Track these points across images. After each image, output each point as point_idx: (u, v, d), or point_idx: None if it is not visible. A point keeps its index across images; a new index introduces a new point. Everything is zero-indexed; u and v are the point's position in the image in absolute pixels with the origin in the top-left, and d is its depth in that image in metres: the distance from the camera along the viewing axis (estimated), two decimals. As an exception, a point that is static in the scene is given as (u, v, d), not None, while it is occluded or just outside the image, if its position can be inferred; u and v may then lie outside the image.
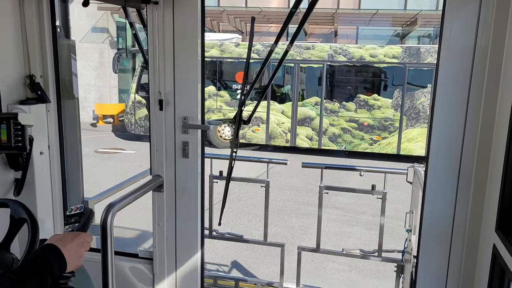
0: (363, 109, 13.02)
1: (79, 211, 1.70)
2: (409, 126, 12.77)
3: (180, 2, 2.69)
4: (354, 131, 13.13)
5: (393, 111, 12.82)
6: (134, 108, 14.15)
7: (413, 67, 12.56)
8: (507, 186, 1.99)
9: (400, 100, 12.72)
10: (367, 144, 13.05)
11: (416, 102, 12.66)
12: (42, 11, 2.84)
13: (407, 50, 12.63)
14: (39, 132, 2.86)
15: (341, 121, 13.16)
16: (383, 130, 12.93)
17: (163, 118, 2.85)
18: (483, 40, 2.25)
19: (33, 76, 2.86)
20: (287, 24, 2.90)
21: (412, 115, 12.74)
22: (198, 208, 2.93)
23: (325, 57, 13.02)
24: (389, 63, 12.72)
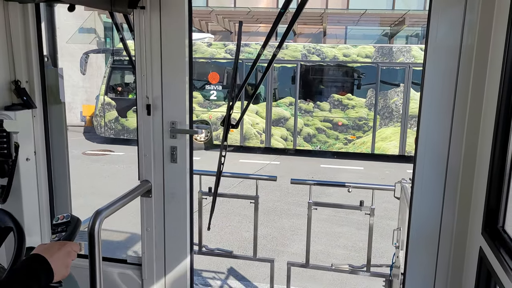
0: (337, 108, 13.05)
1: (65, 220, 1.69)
2: (383, 125, 12.86)
3: (167, 6, 2.68)
4: (328, 131, 13.15)
5: (367, 111, 12.89)
6: (103, 110, 13.89)
7: (386, 66, 12.68)
8: (492, 188, 2.02)
9: (373, 99, 12.80)
10: (341, 143, 13.09)
11: (389, 101, 12.76)
12: (27, 16, 2.81)
13: (379, 50, 12.73)
14: (25, 138, 2.83)
15: (316, 121, 13.18)
16: (358, 130, 12.97)
17: (151, 123, 2.83)
18: (468, 40, 2.29)
19: (18, 82, 2.83)
20: (277, 25, 2.90)
21: (386, 114, 12.83)
22: (187, 213, 2.92)
23: (298, 57, 13.01)
24: (362, 63, 12.81)
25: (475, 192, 2.28)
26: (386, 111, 12.82)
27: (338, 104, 13.04)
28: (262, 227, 7.30)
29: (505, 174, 1.97)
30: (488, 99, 2.18)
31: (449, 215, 2.45)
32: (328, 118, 13.10)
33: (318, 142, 13.18)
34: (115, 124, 13.93)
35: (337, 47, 13.21)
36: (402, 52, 12.50)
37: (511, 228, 2.03)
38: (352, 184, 3.76)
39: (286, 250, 6.62)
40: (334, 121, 13.07)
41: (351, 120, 12.95)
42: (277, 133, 13.44)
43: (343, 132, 13.04)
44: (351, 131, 12.99)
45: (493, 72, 2.12)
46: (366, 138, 12.92)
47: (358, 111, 12.96)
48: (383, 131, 12.86)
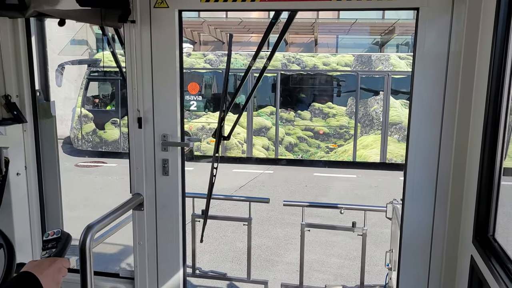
0: (318, 117, 13.07)
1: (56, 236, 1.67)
2: (364, 133, 12.88)
3: (158, 20, 2.70)
4: (310, 140, 13.12)
5: (348, 119, 12.92)
6: (80, 123, 13.65)
7: (365, 74, 12.76)
8: (482, 197, 2.04)
9: (354, 107, 12.85)
10: (323, 152, 13.06)
11: (369, 109, 12.81)
12: (17, 31, 2.81)
13: (359, 58, 12.82)
14: (16, 152, 2.82)
15: (297, 130, 13.15)
16: (339, 138, 12.98)
17: (142, 136, 2.83)
18: (456, 48, 2.33)
19: (8, 96, 2.83)
20: (268, 35, 2.94)
21: (366, 122, 12.87)
22: (179, 226, 2.91)
23: (278, 66, 12.99)
24: (342, 71, 12.87)
25: (465, 201, 2.30)
26: (366, 119, 12.86)
27: (319, 113, 13.05)
28: (256, 236, 7.29)
29: (494, 183, 1.99)
30: (476, 106, 2.21)
31: (440, 224, 2.47)
32: (309, 126, 13.10)
33: (300, 151, 13.13)
34: (93, 136, 13.66)
35: (317, 56, 13.26)
36: (381, 61, 12.61)
37: (501, 236, 2.05)
38: (344, 206, 3.76)
39: (281, 260, 6.59)
40: (315, 129, 13.08)
41: (332, 129, 12.96)
42: (259, 142, 13.35)
43: (324, 141, 13.03)
44: (332, 140, 13.00)
45: (480, 78, 2.16)
46: (348, 146, 12.93)
47: (339, 119, 12.98)
48: (364, 139, 12.89)
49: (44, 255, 1.60)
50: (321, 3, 2.48)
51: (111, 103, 13.82)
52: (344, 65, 12.81)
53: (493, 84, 1.95)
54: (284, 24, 2.91)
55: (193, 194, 3.75)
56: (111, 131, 13.59)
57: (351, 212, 4.02)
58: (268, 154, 13.27)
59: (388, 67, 12.51)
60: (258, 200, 4.21)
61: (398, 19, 16.81)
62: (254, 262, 6.18)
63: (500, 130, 1.95)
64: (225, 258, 6.58)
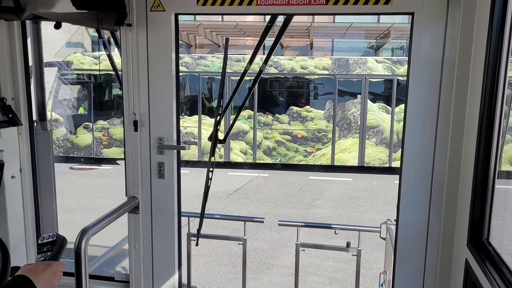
0: (296, 121, 13.03)
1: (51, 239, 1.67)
2: (342, 136, 12.88)
3: (154, 23, 2.70)
4: (288, 144, 13.05)
5: (326, 122, 12.90)
6: (51, 127, 13.06)
7: (343, 78, 12.77)
8: (477, 200, 2.05)
9: (332, 111, 12.82)
10: (301, 156, 12.99)
11: (347, 112, 12.81)
12: (13, 34, 2.81)
13: (336, 62, 12.82)
14: (11, 155, 2.81)
15: (275, 134, 13.07)
16: (317, 142, 12.94)
17: (138, 139, 2.82)
18: (450, 53, 2.35)
19: (4, 99, 2.82)
20: (264, 39, 2.95)
21: (344, 126, 12.86)
22: (174, 229, 2.90)
23: (256, 69, 12.81)
24: (320, 75, 12.87)
25: (460, 205, 2.31)
26: (344, 122, 12.85)
27: (297, 117, 13.02)
28: (251, 239, 7.28)
29: (488, 187, 2.00)
30: (470, 110, 2.23)
31: (435, 227, 2.48)
32: (287, 130, 13.03)
33: (278, 155, 13.03)
34: (64, 141, 13.28)
35: (295, 59, 13.19)
36: (358, 64, 12.61)
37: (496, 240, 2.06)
38: (339, 226, 3.76)
39: (276, 263, 6.60)
40: (294, 133, 13.00)
41: (310, 132, 12.92)
42: (236, 146, 13.22)
43: (302, 145, 12.97)
44: (310, 143, 12.95)
45: (474, 83, 2.18)
46: (326, 150, 12.90)
47: (317, 123, 12.95)
48: (342, 142, 12.88)
49: (39, 259, 1.60)
50: (317, 7, 2.49)
51: (83, 106, 13.44)
52: (322, 69, 12.80)
53: (487, 89, 1.96)
54: (280, 28, 2.93)
55: (189, 214, 3.70)
56: (83, 136, 13.21)
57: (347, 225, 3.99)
58: (246, 159, 13.09)
59: (365, 71, 12.50)
60: (253, 220, 4.19)
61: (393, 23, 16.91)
62: (250, 266, 6.18)
63: (494, 134, 1.96)
64: (220, 262, 6.57)
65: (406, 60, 12.68)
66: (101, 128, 13.05)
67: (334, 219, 8.71)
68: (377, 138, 12.59)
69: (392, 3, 2.41)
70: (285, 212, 9.08)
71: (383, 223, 3.53)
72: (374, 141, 12.60)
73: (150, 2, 2.66)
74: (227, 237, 4.23)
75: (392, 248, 2.81)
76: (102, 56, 12.84)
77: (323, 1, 2.47)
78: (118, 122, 12.85)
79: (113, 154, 12.99)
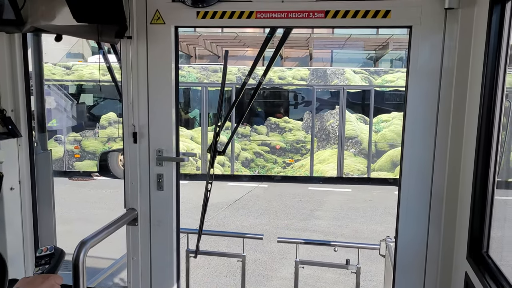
0: (275, 132, 12.85)
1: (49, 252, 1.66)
2: (320, 147, 12.74)
3: (154, 35, 2.72)
4: (266, 155, 12.82)
5: (304, 133, 12.74)
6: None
7: (321, 89, 12.70)
8: (476, 213, 2.05)
9: (310, 122, 12.71)
10: (280, 167, 12.78)
11: (325, 123, 12.70)
12: (14, 46, 2.82)
13: (314, 72, 12.73)
14: (10, 167, 2.81)
15: (253, 145, 12.86)
16: (296, 153, 12.72)
17: (137, 151, 2.83)
18: (449, 64, 2.37)
19: (4, 111, 2.82)
20: (263, 50, 2.97)
21: (323, 137, 12.73)
22: (173, 241, 2.89)
23: (233, 80, 12.67)
24: (298, 85, 12.78)
25: (459, 218, 2.31)
26: (323, 133, 12.73)
27: (275, 128, 12.85)
28: (251, 251, 7.24)
29: (488, 199, 2.01)
30: (469, 122, 2.24)
31: (434, 240, 2.48)
32: (265, 141, 12.84)
33: (256, 167, 12.84)
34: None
35: (273, 69, 12.93)
36: (336, 75, 12.55)
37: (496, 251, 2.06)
38: (338, 243, 3.73)
39: (275, 275, 6.56)
40: (272, 144, 12.81)
41: (289, 143, 12.74)
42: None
43: (281, 156, 12.80)
44: (289, 155, 12.78)
45: (473, 94, 2.19)
46: (305, 161, 12.74)
47: (295, 134, 12.80)
48: (321, 153, 12.74)
49: (37, 272, 1.59)
50: (316, 20, 2.51)
51: (53, 119, 13.04)
52: (300, 79, 12.71)
53: (486, 99, 1.98)
54: (280, 40, 2.95)
55: (187, 230, 3.67)
56: (54, 149, 12.68)
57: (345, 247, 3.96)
58: (224, 170, 12.81)
59: (343, 81, 12.45)
60: (252, 236, 4.16)
61: (392, 34, 17.00)
62: (249, 278, 6.14)
63: (493, 145, 1.97)
64: (219, 273, 6.53)
65: (383, 71, 12.66)
66: (73, 141, 12.81)
67: (334, 230, 8.68)
68: (355, 148, 12.51)
69: (390, 17, 2.43)
70: (284, 223, 9.05)
71: (383, 240, 3.51)
72: (353, 151, 12.51)
73: (150, 15, 2.68)
74: (226, 254, 4.19)
75: (391, 265, 2.80)
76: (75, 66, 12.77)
77: (322, 14, 2.49)
78: (91, 134, 12.57)
79: (86, 167, 12.66)
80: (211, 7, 2.59)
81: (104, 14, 2.49)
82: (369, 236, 8.23)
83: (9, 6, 2.53)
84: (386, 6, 2.42)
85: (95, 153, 12.56)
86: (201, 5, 2.58)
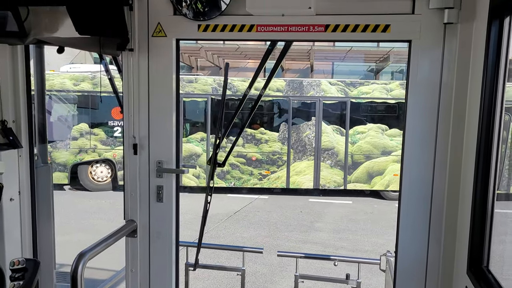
0: (251, 143, 12.75)
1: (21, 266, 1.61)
2: (297, 159, 12.66)
3: (155, 48, 2.74)
4: (242, 167, 12.68)
5: (281, 145, 12.67)
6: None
7: (297, 100, 12.67)
8: (476, 227, 2.04)
9: (286, 133, 12.65)
10: (256, 179, 12.67)
11: (302, 135, 12.64)
12: (16, 57, 2.84)
13: (290, 84, 12.68)
14: (10, 178, 2.81)
15: (229, 157, 12.67)
16: (272, 164, 12.66)
17: (138, 162, 2.83)
18: (448, 78, 2.39)
19: (5, 122, 2.83)
20: (265, 62, 3.00)
21: (299, 148, 12.66)
22: (172, 253, 2.88)
23: (209, 91, 12.63)
24: (274, 96, 12.69)
25: (459, 232, 2.30)
26: (299, 144, 12.65)
27: (251, 139, 12.73)
28: (251, 263, 7.20)
29: (488, 214, 2.00)
30: (468, 135, 2.25)
31: (434, 255, 2.46)
32: (241, 153, 12.73)
33: (232, 179, 12.71)
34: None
35: (248, 80, 12.89)
36: (312, 86, 12.51)
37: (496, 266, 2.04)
38: (338, 258, 3.72)
39: (275, 288, 6.51)
40: (248, 156, 12.69)
41: (265, 155, 12.63)
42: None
43: (257, 167, 12.67)
44: (265, 166, 12.68)
45: (472, 107, 2.20)
46: (281, 173, 12.65)
47: (271, 145, 12.70)
48: (297, 165, 12.66)
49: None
50: (316, 34, 2.53)
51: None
52: (276, 90, 12.64)
53: (485, 113, 1.99)
54: (280, 53, 2.98)
55: (187, 243, 3.66)
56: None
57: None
58: (199, 183, 12.68)
59: (319, 93, 12.42)
60: (252, 250, 4.14)
61: (392, 47, 17.09)
62: None
63: (492, 159, 1.97)
64: (218, 286, 6.49)
65: (359, 82, 12.65)
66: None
67: (334, 242, 8.64)
68: (332, 160, 12.45)
69: (389, 31, 2.45)
70: (284, 235, 9.01)
71: (383, 255, 3.50)
72: (329, 163, 12.45)
73: (152, 28, 2.71)
74: (225, 268, 4.15)
75: (392, 280, 2.78)
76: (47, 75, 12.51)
77: (322, 28, 2.52)
78: (62, 146, 12.37)
79: (56, 180, 12.25)
80: (212, 20, 2.62)
81: (107, 26, 2.51)
82: (370, 249, 8.18)
83: (12, 18, 2.55)
84: (385, 21, 2.45)
85: (65, 165, 12.31)
86: (202, 18, 2.61)
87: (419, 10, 2.40)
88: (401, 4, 2.43)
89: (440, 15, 2.35)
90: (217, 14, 2.59)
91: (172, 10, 2.68)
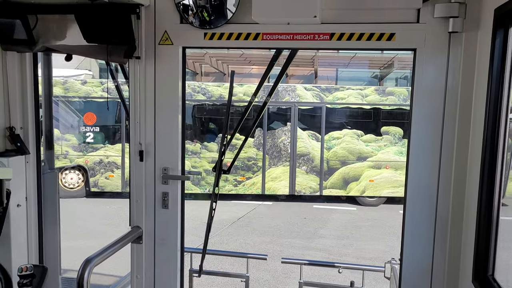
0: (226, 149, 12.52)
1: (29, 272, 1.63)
2: (272, 165, 12.55)
3: (162, 55, 2.77)
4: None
5: (256, 150, 12.56)
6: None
7: (272, 105, 12.57)
8: (481, 236, 2.04)
9: (261, 139, 12.49)
10: (231, 185, 12.50)
11: (277, 140, 12.54)
12: (24, 65, 2.87)
13: (265, 89, 12.67)
14: (17, 184, 2.83)
15: (204, 163, 12.56)
16: (247, 170, 12.52)
17: (143, 169, 2.85)
18: (453, 84, 2.40)
19: (13, 128, 2.86)
20: (270, 70, 3.02)
21: (275, 154, 12.55)
22: (177, 260, 2.89)
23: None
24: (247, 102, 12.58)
25: (465, 241, 2.30)
26: (274, 150, 12.55)
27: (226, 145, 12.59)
28: (254, 270, 7.19)
29: (493, 222, 2.00)
30: (473, 142, 2.25)
31: (439, 263, 2.46)
32: (216, 159, 12.43)
33: (207, 185, 12.56)
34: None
35: (223, 85, 12.85)
36: (288, 91, 12.42)
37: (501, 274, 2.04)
38: (343, 265, 3.72)
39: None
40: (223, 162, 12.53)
41: (240, 161, 12.45)
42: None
43: (232, 174, 12.46)
44: (240, 172, 12.55)
45: (477, 113, 2.21)
46: (256, 179, 12.53)
47: (246, 151, 12.55)
48: (273, 170, 12.55)
49: None
50: (321, 42, 2.55)
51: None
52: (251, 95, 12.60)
53: (490, 121, 1.99)
54: (286, 60, 3.00)
55: (191, 250, 3.66)
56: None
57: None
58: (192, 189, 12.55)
59: (294, 98, 12.32)
60: (256, 256, 4.13)
61: (396, 54, 17.09)
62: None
63: (497, 166, 1.98)
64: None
65: (334, 88, 12.58)
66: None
67: (338, 249, 8.60)
68: (307, 166, 12.35)
69: (394, 40, 2.46)
70: (288, 241, 8.99)
71: (387, 262, 3.49)
72: (305, 169, 12.35)
73: (159, 36, 2.74)
74: (229, 274, 4.15)
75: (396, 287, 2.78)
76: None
77: (327, 36, 2.53)
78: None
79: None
80: (218, 29, 2.65)
81: (114, 35, 2.54)
82: (374, 256, 8.15)
83: (21, 26, 2.59)
84: (390, 29, 2.46)
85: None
86: (208, 26, 2.64)
87: (424, 19, 2.42)
88: (406, 13, 2.45)
89: (445, 24, 2.37)
90: (223, 22, 2.62)
91: (178, 18, 2.71)
